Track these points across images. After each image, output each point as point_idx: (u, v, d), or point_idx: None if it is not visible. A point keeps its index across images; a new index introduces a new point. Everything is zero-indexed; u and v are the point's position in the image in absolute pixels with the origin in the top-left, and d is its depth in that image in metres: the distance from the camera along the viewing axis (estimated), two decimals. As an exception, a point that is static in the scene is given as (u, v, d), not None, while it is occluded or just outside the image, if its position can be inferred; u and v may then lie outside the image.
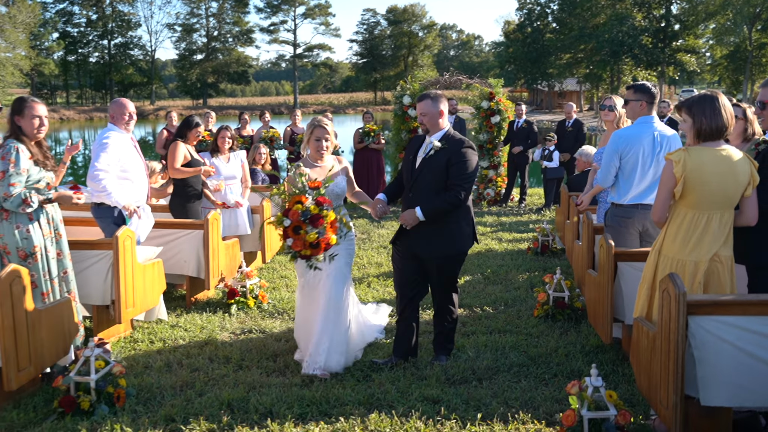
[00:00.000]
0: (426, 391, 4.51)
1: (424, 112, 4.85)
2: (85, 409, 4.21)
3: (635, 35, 58.83)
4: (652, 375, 3.57)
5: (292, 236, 4.50)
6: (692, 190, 3.68)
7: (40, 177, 4.75)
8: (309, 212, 4.48)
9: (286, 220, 4.50)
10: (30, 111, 4.71)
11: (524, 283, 7.44)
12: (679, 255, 3.76)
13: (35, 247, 4.69)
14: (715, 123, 3.69)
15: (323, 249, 4.53)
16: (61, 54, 77.09)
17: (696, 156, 3.70)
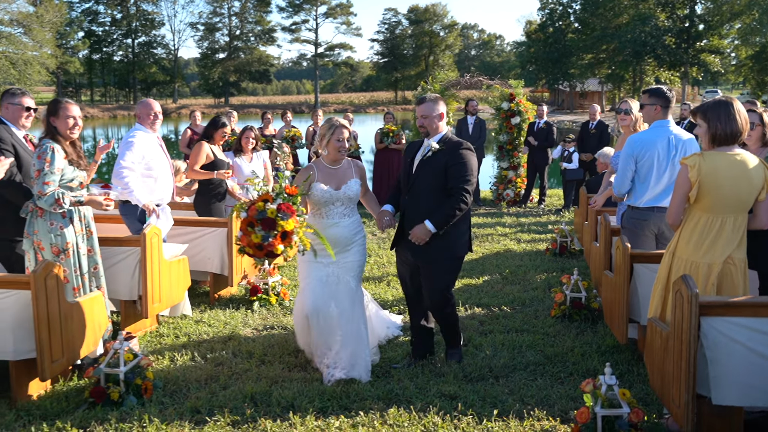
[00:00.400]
0: (444, 388, 4.63)
1: (424, 114, 4.82)
2: (115, 399, 4.37)
3: (658, 35, 58.37)
4: (665, 374, 3.66)
5: (243, 230, 4.40)
6: (707, 194, 3.76)
7: (74, 176, 4.91)
8: (265, 214, 4.35)
9: (243, 213, 4.44)
10: (65, 112, 4.87)
11: (542, 283, 7.51)
12: (693, 257, 3.84)
13: (68, 243, 4.86)
14: (729, 128, 3.76)
15: (263, 254, 4.36)
16: (86, 52, 78.17)
17: (710, 161, 3.77)
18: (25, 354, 4.36)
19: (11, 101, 5.15)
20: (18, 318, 4.32)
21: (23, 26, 61.29)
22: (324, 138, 4.95)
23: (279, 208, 4.36)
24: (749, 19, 55.99)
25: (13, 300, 4.32)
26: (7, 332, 4.31)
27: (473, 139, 13.07)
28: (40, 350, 4.30)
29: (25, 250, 4.91)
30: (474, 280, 7.68)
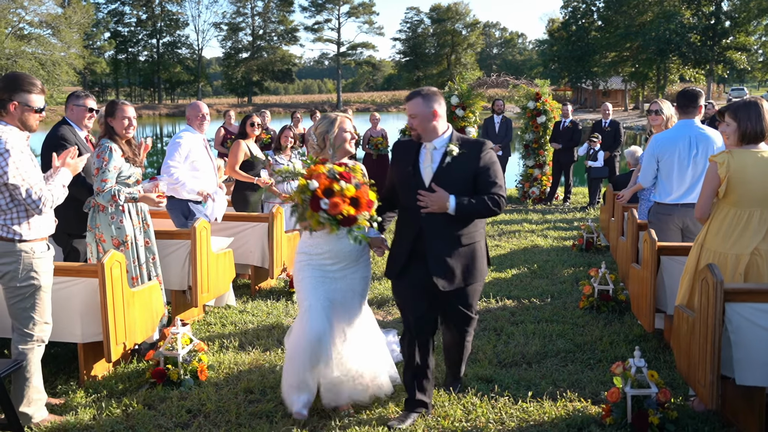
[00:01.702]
0: (479, 372, 4.91)
1: (414, 113, 4.01)
2: (174, 380, 4.72)
3: (683, 33, 57.97)
4: (692, 357, 3.91)
5: (326, 198, 3.75)
6: (734, 190, 4.00)
7: (131, 173, 5.26)
8: (334, 171, 3.86)
9: (313, 182, 3.79)
10: (120, 113, 5.21)
11: (569, 277, 7.75)
12: (721, 249, 4.08)
13: (126, 236, 5.21)
14: (759, 127, 4.00)
15: (365, 207, 3.80)
16: (112, 53, 79.38)
17: (739, 158, 4.01)
18: (91, 337, 4.72)
19: (76, 103, 5.53)
20: (85, 304, 4.67)
21: (52, 27, 62.55)
22: (328, 135, 4.17)
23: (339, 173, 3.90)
24: (776, 16, 55.49)
25: (81, 287, 4.66)
26: (75, 317, 4.66)
27: (500, 137, 13.33)
28: (106, 334, 4.64)
29: (88, 243, 5.28)
30: (503, 273, 7.94)
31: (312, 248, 4.17)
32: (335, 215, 3.73)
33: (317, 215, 3.78)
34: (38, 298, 4.05)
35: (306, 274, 4.19)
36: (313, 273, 4.17)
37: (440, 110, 4.05)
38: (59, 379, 4.92)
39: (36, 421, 4.15)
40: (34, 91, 4.00)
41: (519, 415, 4.24)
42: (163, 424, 4.19)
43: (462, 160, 3.99)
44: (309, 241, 4.19)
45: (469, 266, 4.10)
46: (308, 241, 4.20)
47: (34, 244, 4.00)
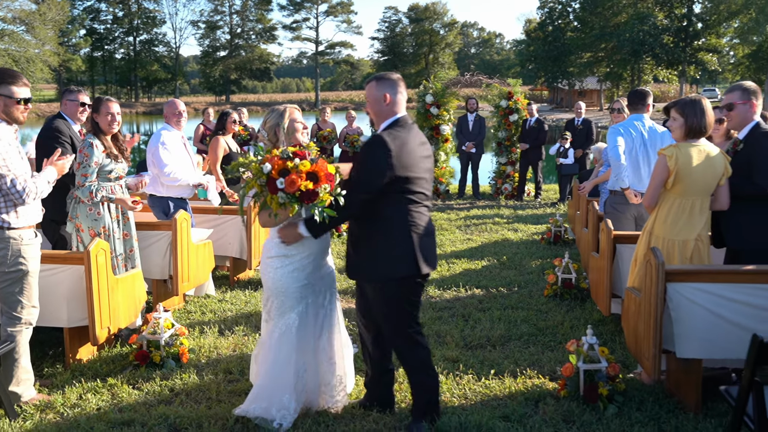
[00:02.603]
0: (446, 353, 5.22)
1: (367, 96, 3.95)
2: (157, 362, 4.98)
3: (656, 34, 58.90)
4: (638, 333, 4.25)
5: (281, 177, 3.59)
6: (681, 180, 4.33)
7: (111, 168, 5.47)
8: (287, 151, 3.68)
9: (266, 166, 3.62)
10: (105, 109, 5.41)
11: (536, 268, 8.10)
12: (670, 235, 4.42)
13: (103, 227, 5.43)
14: (703, 122, 4.35)
15: (324, 179, 3.59)
16: (88, 50, 78.71)
17: (685, 151, 4.35)
18: (77, 322, 4.95)
19: (70, 98, 5.79)
20: (71, 289, 4.90)
21: (26, 24, 61.89)
22: (279, 127, 4.05)
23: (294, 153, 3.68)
24: (746, 18, 56.43)
25: (68, 274, 4.90)
26: (62, 302, 4.89)
27: (473, 135, 13.69)
28: (92, 318, 4.88)
29: (69, 232, 5.51)
30: (473, 265, 8.26)
31: (291, 249, 3.94)
32: (294, 192, 3.56)
33: (276, 197, 3.59)
34: (26, 283, 4.27)
35: (290, 278, 3.95)
36: (299, 276, 3.97)
37: (393, 96, 3.85)
38: (46, 363, 5.15)
39: (25, 400, 4.38)
40: (16, 83, 4.16)
41: (481, 391, 4.56)
42: (148, 401, 4.45)
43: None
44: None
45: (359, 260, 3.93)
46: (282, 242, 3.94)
47: (22, 231, 4.22)
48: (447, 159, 14.52)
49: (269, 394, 3.97)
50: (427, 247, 3.85)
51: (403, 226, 3.76)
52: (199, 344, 5.50)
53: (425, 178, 3.85)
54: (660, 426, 3.99)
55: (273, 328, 4.00)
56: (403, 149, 3.69)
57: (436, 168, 14.27)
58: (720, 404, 4.20)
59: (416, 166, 3.76)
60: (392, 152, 3.63)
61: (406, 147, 3.71)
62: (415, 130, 3.88)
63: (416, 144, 3.81)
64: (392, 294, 3.81)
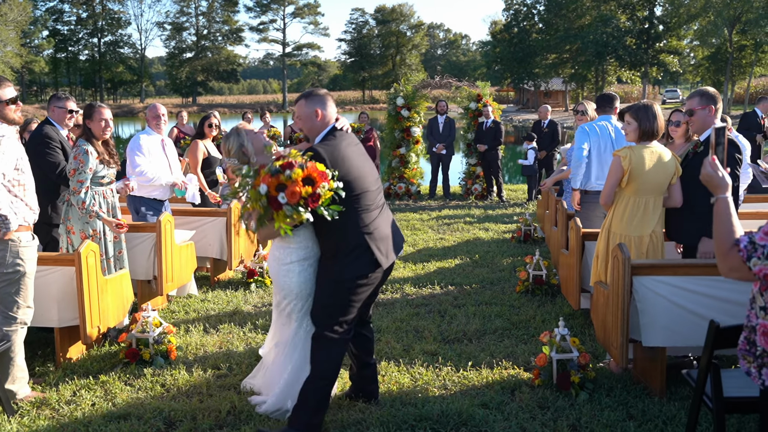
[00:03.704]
0: (425, 347, 5.47)
1: (298, 115, 4.06)
2: (146, 359, 5.13)
3: (619, 36, 60.14)
4: (606, 324, 4.53)
5: (281, 192, 3.61)
6: (635, 180, 4.65)
7: (104, 174, 5.60)
8: (274, 167, 3.66)
9: (261, 187, 3.63)
10: (98, 115, 5.52)
11: (508, 266, 8.39)
12: (626, 232, 4.73)
13: (94, 230, 5.58)
14: (655, 126, 4.67)
15: (320, 179, 3.62)
16: (51, 52, 77.52)
17: (638, 152, 4.67)
18: (67, 322, 5.09)
19: (57, 104, 5.92)
20: (62, 290, 5.03)
21: (-13, 25, 60.83)
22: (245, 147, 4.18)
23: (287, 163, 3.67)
24: (705, 21, 57.86)
25: (59, 275, 5.03)
26: (52, 303, 5.03)
27: (443, 137, 13.99)
28: (83, 318, 5.02)
29: (60, 234, 5.64)
30: (447, 263, 8.52)
31: (309, 252, 4.07)
32: (297, 202, 3.60)
33: (282, 212, 3.63)
34: (22, 284, 4.41)
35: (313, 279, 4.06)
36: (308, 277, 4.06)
37: (323, 111, 3.99)
38: (36, 362, 5.27)
39: (20, 397, 4.51)
40: (1, 86, 4.30)
41: (460, 381, 4.81)
42: (140, 397, 4.61)
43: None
44: (301, 244, 4.06)
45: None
46: (298, 244, 4.06)
47: (20, 233, 4.36)
48: (417, 160, 14.80)
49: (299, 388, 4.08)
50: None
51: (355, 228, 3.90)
52: (185, 342, 5.66)
53: (365, 178, 3.97)
54: (628, 410, 4.27)
55: (297, 327, 4.15)
56: (336, 156, 3.82)
57: (407, 169, 14.54)
58: (683, 388, 4.50)
59: (352, 167, 3.89)
60: (326, 162, 3.74)
61: (338, 152, 3.85)
62: (347, 136, 4.04)
63: (349, 148, 3.96)
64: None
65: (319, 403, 3.90)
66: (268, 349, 4.48)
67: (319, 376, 3.92)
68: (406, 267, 8.32)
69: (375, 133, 14.43)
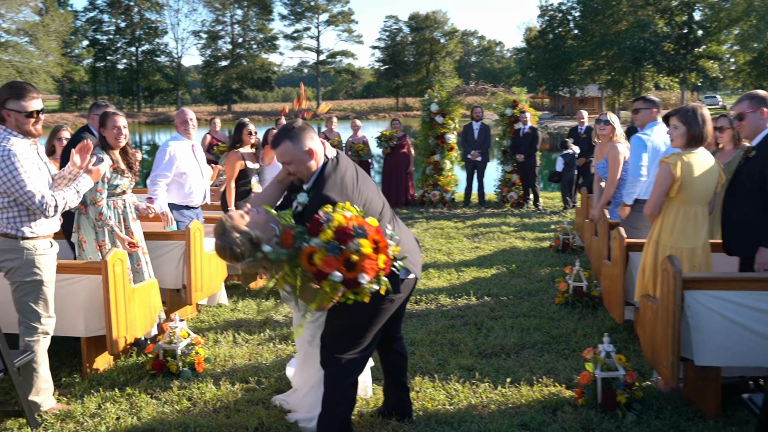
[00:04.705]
0: (461, 361, 5.24)
1: (287, 159, 3.56)
2: (173, 371, 4.99)
3: (657, 42, 59.09)
4: (655, 341, 4.26)
5: (359, 272, 3.14)
6: (684, 189, 4.38)
7: (117, 183, 5.45)
8: (331, 243, 3.15)
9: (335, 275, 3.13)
10: (111, 123, 5.37)
11: (546, 276, 8.11)
12: (678, 244, 4.44)
13: (102, 240, 5.42)
14: (705, 131, 4.40)
15: (383, 240, 3.25)
16: (91, 61, 78.93)
17: (688, 159, 4.40)
18: (94, 332, 4.98)
19: (96, 112, 5.88)
20: (89, 299, 4.93)
21: (29, 35, 62.20)
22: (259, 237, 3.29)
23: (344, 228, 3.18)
24: (747, 25, 56.64)
25: (85, 284, 4.92)
26: (79, 312, 4.92)
27: (479, 143, 13.74)
28: (109, 328, 4.90)
29: (74, 243, 5.54)
30: (483, 273, 8.28)
31: None
32: (377, 276, 3.22)
33: (362, 289, 3.21)
34: (41, 293, 4.29)
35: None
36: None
37: (313, 145, 3.57)
38: (63, 372, 5.17)
39: (45, 409, 4.40)
40: (24, 97, 4.11)
41: (498, 399, 4.57)
42: (166, 411, 4.46)
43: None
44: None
45: None
46: None
47: (37, 241, 4.24)
48: (452, 168, 14.56)
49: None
50: None
51: None
52: (214, 353, 5.51)
53: (373, 198, 3.70)
54: (679, 433, 4.00)
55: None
56: (349, 194, 3.51)
57: (441, 177, 14.32)
58: (739, 412, 4.21)
59: (362, 194, 3.60)
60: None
61: (348, 188, 3.53)
62: (340, 161, 3.65)
63: (348, 172, 3.63)
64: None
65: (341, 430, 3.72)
66: (297, 377, 4.34)
67: (338, 402, 3.71)
68: (441, 277, 8.10)
69: (408, 139, 14.26)
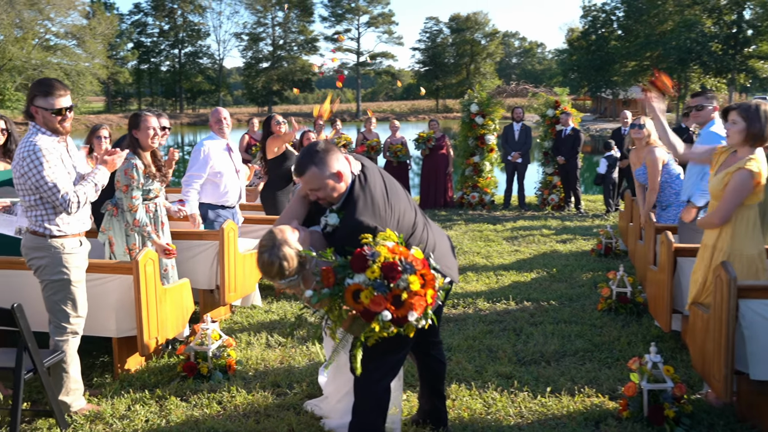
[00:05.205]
0: (500, 369, 5.05)
1: (316, 186, 3.32)
2: (204, 373, 4.91)
3: (704, 42, 57.61)
4: (706, 353, 4.02)
5: (407, 310, 3.04)
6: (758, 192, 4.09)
7: (149, 188, 5.38)
8: (377, 282, 3.04)
9: (385, 315, 3.01)
10: (145, 124, 5.27)
11: (588, 281, 7.85)
12: (747, 250, 4.11)
13: (134, 244, 5.35)
14: (766, 129, 4.09)
15: (429, 274, 3.15)
16: (135, 63, 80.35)
17: (762, 159, 4.11)
18: (125, 332, 4.92)
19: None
20: (120, 299, 4.87)
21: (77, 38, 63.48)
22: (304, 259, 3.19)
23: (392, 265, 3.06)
24: (800, 25, 54.93)
25: (117, 284, 4.87)
26: (110, 312, 4.86)
27: (519, 145, 13.47)
28: (140, 329, 4.84)
29: (102, 243, 5.47)
30: (523, 277, 8.06)
31: None
32: (426, 311, 3.14)
33: (409, 325, 3.12)
34: (69, 292, 4.22)
35: None
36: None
37: (340, 166, 3.33)
38: (95, 372, 5.13)
39: (74, 410, 4.35)
40: (51, 95, 4.02)
41: (538, 409, 4.37)
42: (195, 414, 4.37)
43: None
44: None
45: None
46: None
47: (65, 240, 4.18)
48: (492, 169, 14.32)
49: None
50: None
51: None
52: (246, 356, 5.42)
53: (406, 208, 3.51)
54: (731, 451, 3.76)
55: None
56: (383, 214, 3.32)
57: (481, 178, 14.08)
58: (797, 429, 3.95)
59: (394, 208, 3.41)
60: (375, 227, 3.24)
61: (380, 208, 3.32)
62: (370, 175, 3.42)
63: (377, 186, 3.40)
64: None
65: None
66: (329, 385, 4.20)
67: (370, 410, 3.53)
68: (480, 280, 7.90)
69: (447, 140, 14.06)
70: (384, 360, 3.47)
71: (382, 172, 3.59)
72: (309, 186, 3.35)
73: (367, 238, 3.13)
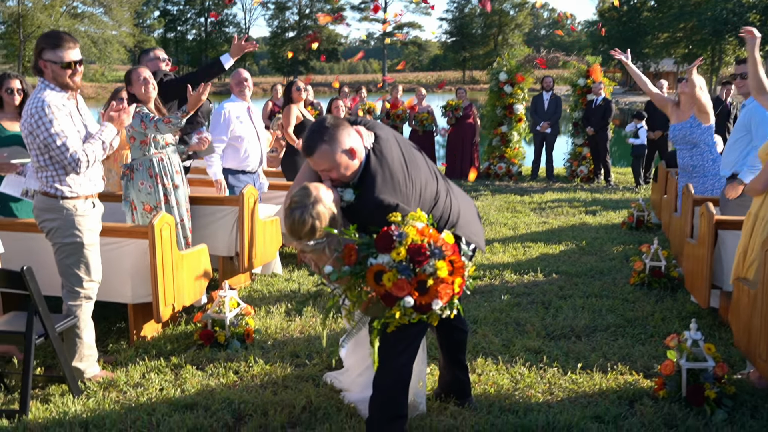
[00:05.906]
0: (528, 343, 4.83)
1: (328, 166, 3.06)
2: (221, 342, 4.76)
3: (741, 12, 55.93)
4: (752, 331, 3.76)
5: (431, 297, 2.89)
6: None
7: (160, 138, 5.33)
8: (402, 265, 2.88)
9: (407, 300, 2.85)
10: (136, 76, 5.16)
11: (619, 254, 7.58)
12: None
13: (158, 202, 5.25)
14: None
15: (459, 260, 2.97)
16: (161, 31, 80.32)
17: None
18: (141, 298, 4.78)
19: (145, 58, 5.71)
20: (135, 265, 4.72)
21: (104, 6, 63.48)
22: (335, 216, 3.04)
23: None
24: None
25: (132, 248, 4.72)
26: (126, 278, 4.72)
27: (548, 115, 13.11)
28: (156, 295, 4.69)
29: (125, 211, 5.36)
30: (551, 249, 7.80)
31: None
32: (452, 300, 2.99)
33: (433, 313, 2.98)
34: (82, 256, 4.06)
35: None
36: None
37: (352, 141, 3.06)
38: (110, 338, 5.01)
39: (88, 376, 4.22)
40: (60, 47, 3.81)
41: (568, 386, 4.16)
42: (211, 384, 4.22)
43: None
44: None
45: None
46: None
47: (77, 201, 4.01)
48: (520, 140, 13.97)
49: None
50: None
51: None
52: (265, 325, 5.26)
53: (428, 179, 3.31)
54: (777, 436, 3.53)
55: None
56: (404, 190, 3.12)
57: (509, 149, 13.76)
58: None
59: (416, 179, 3.22)
60: (396, 204, 3.05)
61: (401, 183, 3.11)
62: (385, 146, 3.18)
63: (395, 158, 3.18)
64: None
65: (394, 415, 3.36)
66: (349, 357, 4.02)
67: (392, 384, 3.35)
68: (506, 252, 7.66)
69: (474, 109, 13.73)
70: (406, 331, 3.27)
71: (399, 140, 3.34)
72: (320, 166, 3.09)
73: (396, 216, 2.94)
